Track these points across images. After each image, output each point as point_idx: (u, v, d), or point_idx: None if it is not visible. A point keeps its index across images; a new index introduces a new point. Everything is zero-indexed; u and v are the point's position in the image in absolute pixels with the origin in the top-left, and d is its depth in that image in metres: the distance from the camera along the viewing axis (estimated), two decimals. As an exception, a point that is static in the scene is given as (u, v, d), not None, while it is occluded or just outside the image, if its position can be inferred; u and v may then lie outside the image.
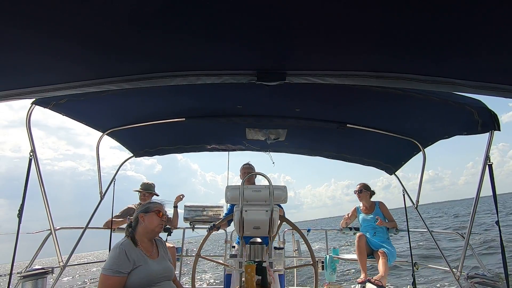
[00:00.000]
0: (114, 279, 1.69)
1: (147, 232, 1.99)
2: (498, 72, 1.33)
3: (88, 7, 0.95)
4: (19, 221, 2.09)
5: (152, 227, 2.00)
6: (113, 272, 1.70)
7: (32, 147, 2.30)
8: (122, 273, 1.72)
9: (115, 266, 1.71)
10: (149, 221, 1.99)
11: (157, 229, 2.03)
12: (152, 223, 2.00)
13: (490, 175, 2.11)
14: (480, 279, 2.48)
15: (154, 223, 2.00)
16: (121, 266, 1.73)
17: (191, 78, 1.43)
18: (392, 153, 3.33)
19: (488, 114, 2.01)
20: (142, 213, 2.02)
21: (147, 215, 2.01)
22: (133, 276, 1.76)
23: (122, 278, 1.72)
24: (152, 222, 2.00)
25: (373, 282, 3.20)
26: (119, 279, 1.71)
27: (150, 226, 1.99)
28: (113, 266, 1.71)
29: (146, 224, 1.99)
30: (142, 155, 3.66)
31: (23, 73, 1.34)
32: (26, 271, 2.50)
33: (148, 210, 2.03)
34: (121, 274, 1.71)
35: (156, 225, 2.01)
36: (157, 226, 2.02)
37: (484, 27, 1.01)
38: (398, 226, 4.01)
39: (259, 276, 1.96)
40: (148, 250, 1.97)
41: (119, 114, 2.62)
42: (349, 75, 1.41)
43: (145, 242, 1.98)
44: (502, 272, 2.12)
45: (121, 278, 1.71)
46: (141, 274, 1.79)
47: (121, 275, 1.72)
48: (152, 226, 2.00)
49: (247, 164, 3.48)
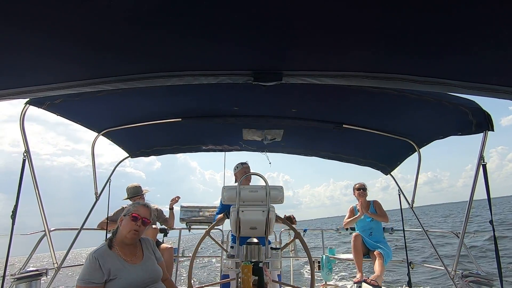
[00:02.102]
0: None
1: (121, 238, 1.86)
2: (492, 73, 1.34)
3: (84, 7, 0.94)
4: (12, 222, 2.06)
5: (124, 232, 1.85)
6: (85, 282, 1.64)
7: (26, 147, 2.27)
8: (95, 284, 1.65)
9: (87, 277, 1.65)
10: (123, 226, 1.87)
11: (129, 235, 1.84)
12: (125, 229, 1.85)
13: (484, 175, 2.13)
14: (475, 277, 2.51)
15: (126, 229, 1.84)
16: (93, 277, 1.65)
17: (187, 78, 1.43)
18: (388, 153, 3.35)
19: (482, 115, 2.04)
20: (122, 216, 1.91)
21: (124, 219, 1.88)
22: (112, 286, 1.69)
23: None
24: (125, 227, 1.85)
25: (369, 282, 3.21)
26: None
27: (122, 232, 1.86)
28: (85, 277, 1.65)
29: (121, 229, 1.87)
30: (138, 156, 3.64)
31: (17, 73, 1.33)
32: (20, 273, 2.47)
33: (126, 213, 1.90)
34: (94, 284, 1.65)
35: (128, 231, 1.83)
36: (129, 232, 1.83)
37: (479, 28, 1.02)
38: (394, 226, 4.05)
39: (255, 277, 1.96)
40: (129, 255, 1.85)
41: (115, 114, 2.60)
42: (345, 75, 1.41)
43: (125, 248, 1.86)
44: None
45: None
46: (121, 284, 1.71)
47: (95, 285, 1.65)
48: (124, 232, 1.85)
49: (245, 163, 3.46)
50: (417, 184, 3.25)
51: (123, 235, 1.85)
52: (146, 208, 1.95)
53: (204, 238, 2.44)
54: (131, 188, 3.76)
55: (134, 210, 1.89)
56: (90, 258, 1.71)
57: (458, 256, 2.70)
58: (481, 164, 2.15)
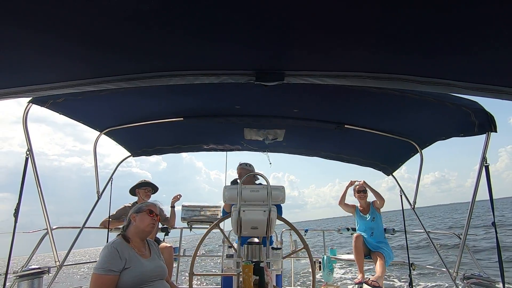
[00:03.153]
0: (106, 278, 1.69)
1: (138, 232, 1.99)
2: (495, 74, 1.33)
3: (87, 6, 0.94)
4: (15, 220, 2.08)
5: (143, 226, 1.99)
6: (105, 270, 1.70)
7: (28, 146, 2.28)
8: (114, 272, 1.72)
9: (107, 265, 1.72)
10: (140, 221, 2.00)
11: (148, 228, 2.02)
12: (143, 222, 2.00)
13: (487, 176, 2.12)
14: (476, 279, 2.49)
15: (145, 222, 2.00)
16: (112, 265, 1.73)
17: (189, 77, 1.43)
18: (389, 154, 3.34)
19: (485, 116, 2.02)
20: (134, 213, 2.03)
21: (139, 215, 2.02)
22: (126, 275, 1.76)
23: (114, 276, 1.72)
24: (143, 221, 2.00)
25: (370, 283, 3.21)
26: (111, 277, 1.71)
27: (141, 226, 1.99)
28: (104, 265, 1.71)
29: (137, 224, 1.99)
30: (139, 155, 3.65)
31: (20, 72, 1.34)
32: (22, 271, 2.49)
33: (139, 210, 2.04)
34: (112, 272, 1.71)
35: (147, 224, 2.01)
36: (148, 225, 2.01)
37: (481, 28, 1.02)
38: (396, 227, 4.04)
39: (256, 276, 1.97)
40: (140, 250, 1.97)
41: (117, 113, 2.61)
42: (347, 75, 1.41)
43: (137, 242, 1.99)
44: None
45: (113, 277, 1.71)
46: (134, 273, 1.79)
47: (113, 274, 1.71)
48: (143, 225, 2.00)
49: (246, 164, 3.47)
50: (419, 185, 3.24)
51: (140, 229, 1.99)
52: (155, 205, 2.12)
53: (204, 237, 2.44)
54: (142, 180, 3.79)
55: (147, 207, 2.06)
56: (109, 248, 1.79)
57: (460, 257, 2.68)
58: (484, 166, 2.14)
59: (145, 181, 3.80)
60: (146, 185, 3.74)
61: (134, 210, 2.06)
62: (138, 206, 2.08)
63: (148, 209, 2.05)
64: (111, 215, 3.45)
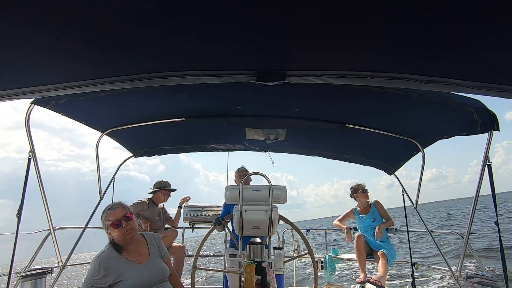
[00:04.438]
0: None
1: (121, 243, 1.82)
2: (497, 72, 1.33)
3: (88, 6, 0.95)
4: (18, 220, 2.09)
5: (119, 239, 1.79)
6: (89, 286, 1.67)
7: (31, 147, 2.29)
8: (97, 287, 1.68)
9: (91, 281, 1.68)
10: (114, 236, 1.80)
11: (126, 238, 1.79)
12: (117, 237, 1.79)
13: (490, 175, 2.11)
14: (479, 279, 2.48)
15: (118, 236, 1.78)
16: (95, 281, 1.67)
17: (190, 78, 1.43)
18: (392, 153, 3.33)
19: (487, 114, 2.01)
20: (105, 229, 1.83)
21: (109, 230, 1.80)
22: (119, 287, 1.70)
23: None
24: (116, 236, 1.79)
25: (372, 282, 3.20)
26: None
27: (118, 239, 1.80)
28: (88, 281, 1.68)
29: (115, 238, 1.81)
30: (141, 155, 3.66)
31: (22, 72, 1.34)
32: (25, 271, 2.50)
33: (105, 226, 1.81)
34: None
35: (121, 237, 1.78)
36: (123, 238, 1.78)
37: (484, 27, 1.01)
38: (398, 226, 4.02)
39: (258, 276, 1.96)
40: (134, 255, 1.84)
41: (119, 114, 2.62)
42: (349, 75, 1.41)
43: (129, 248, 1.84)
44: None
45: None
46: (129, 284, 1.72)
47: None
48: (119, 239, 1.79)
49: (242, 167, 3.49)
50: (421, 184, 3.23)
51: (120, 242, 1.81)
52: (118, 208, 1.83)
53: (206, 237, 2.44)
54: (157, 182, 3.82)
55: (108, 220, 1.79)
56: (94, 263, 1.72)
57: (463, 257, 2.67)
58: (486, 164, 2.13)
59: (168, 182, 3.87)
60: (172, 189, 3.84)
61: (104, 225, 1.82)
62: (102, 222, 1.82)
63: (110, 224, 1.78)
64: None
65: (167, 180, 3.91)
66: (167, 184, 3.84)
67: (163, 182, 3.84)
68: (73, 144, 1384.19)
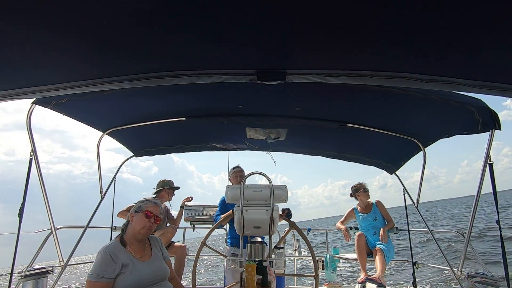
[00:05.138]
0: (99, 284, 1.66)
1: (134, 234, 1.89)
2: (498, 71, 1.32)
3: (89, 6, 0.95)
4: (19, 220, 2.09)
5: (137, 228, 1.88)
6: (97, 277, 1.66)
7: (32, 147, 2.30)
8: (106, 279, 1.67)
9: (99, 271, 1.67)
10: (136, 222, 1.89)
11: (143, 231, 1.89)
12: (138, 224, 1.88)
13: (491, 174, 2.11)
14: (481, 278, 2.48)
15: (140, 225, 1.88)
16: (105, 271, 1.68)
17: (191, 77, 1.43)
18: (393, 152, 3.33)
19: (488, 114, 2.01)
20: (133, 212, 1.92)
21: (136, 215, 1.90)
22: (121, 281, 1.71)
23: (107, 283, 1.67)
24: (138, 223, 1.88)
25: (371, 279, 3.21)
26: (104, 284, 1.67)
27: (136, 228, 1.88)
28: (97, 271, 1.67)
29: (133, 225, 1.89)
30: (142, 155, 3.66)
31: (23, 72, 1.34)
32: (27, 271, 2.50)
33: (138, 210, 1.92)
34: (105, 279, 1.67)
35: (141, 227, 1.88)
36: (142, 228, 1.88)
37: (485, 26, 1.01)
38: (398, 226, 4.02)
39: (259, 276, 1.97)
40: (138, 252, 1.88)
41: (120, 113, 2.62)
42: (350, 74, 1.40)
43: (135, 244, 1.90)
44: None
45: (105, 284, 1.67)
46: (130, 279, 1.73)
47: (106, 281, 1.67)
48: (138, 227, 1.88)
49: (238, 167, 3.44)
50: (422, 183, 3.22)
51: (136, 231, 1.88)
52: (157, 206, 1.98)
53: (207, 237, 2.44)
54: (161, 181, 3.83)
55: (146, 207, 1.92)
56: (101, 253, 1.74)
57: (464, 256, 2.67)
58: (488, 164, 2.12)
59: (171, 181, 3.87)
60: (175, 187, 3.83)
61: (134, 208, 1.94)
62: (139, 205, 1.95)
63: (147, 210, 1.91)
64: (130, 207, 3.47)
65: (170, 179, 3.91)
66: (170, 183, 3.84)
67: (166, 181, 3.84)
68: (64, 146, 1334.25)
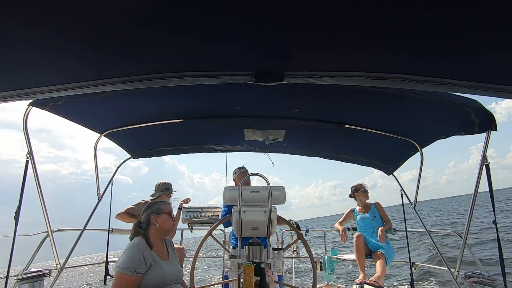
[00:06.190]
0: (131, 278, 1.71)
1: (160, 233, 2.02)
2: (495, 73, 1.33)
3: (86, 7, 0.94)
4: (15, 223, 2.08)
5: (166, 227, 2.04)
6: (131, 271, 1.72)
7: (29, 148, 2.29)
8: (138, 273, 1.74)
9: (133, 265, 1.73)
10: (162, 222, 2.01)
11: (171, 229, 2.10)
12: (167, 224, 2.04)
13: (487, 174, 2.12)
14: (478, 278, 2.49)
15: (168, 224, 2.05)
16: (138, 266, 1.75)
17: (189, 79, 1.43)
18: (390, 153, 3.34)
19: (485, 114, 2.03)
20: (154, 215, 2.03)
21: (160, 216, 2.02)
22: (148, 277, 1.77)
23: (138, 278, 1.74)
24: (165, 223, 2.02)
25: (369, 283, 3.20)
26: (135, 279, 1.73)
27: (164, 227, 2.02)
28: (131, 265, 1.73)
29: (160, 225, 2.00)
30: (140, 156, 3.65)
31: (20, 74, 1.33)
32: (23, 274, 2.48)
33: (159, 212, 2.04)
34: (138, 274, 1.73)
35: (169, 226, 2.06)
36: (171, 226, 2.08)
37: (482, 27, 1.02)
38: (395, 226, 4.04)
39: (257, 277, 1.96)
40: (160, 251, 1.98)
41: (117, 115, 2.61)
42: (347, 75, 1.41)
43: (157, 243, 2.00)
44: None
45: (137, 278, 1.73)
46: (155, 276, 1.80)
47: (138, 275, 1.73)
48: (167, 226, 2.04)
49: (243, 167, 3.47)
50: (419, 184, 3.24)
51: (164, 230, 2.03)
52: (170, 205, 2.15)
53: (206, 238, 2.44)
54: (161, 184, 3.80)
55: (167, 209, 2.09)
56: (135, 249, 1.80)
57: (461, 256, 2.68)
58: (484, 164, 2.14)
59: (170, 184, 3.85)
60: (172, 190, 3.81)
61: (153, 210, 2.05)
62: (157, 207, 2.07)
63: (168, 210, 2.08)
64: (128, 209, 3.45)
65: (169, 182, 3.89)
66: (170, 187, 3.84)
67: (166, 184, 3.84)
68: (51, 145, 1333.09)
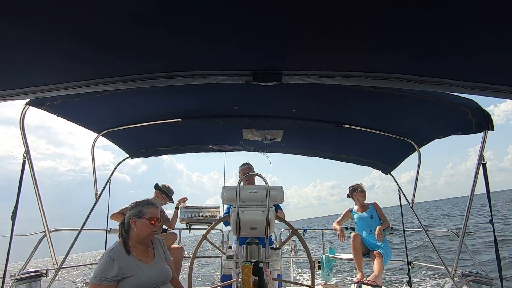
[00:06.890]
0: (101, 287, 1.69)
1: (139, 239, 1.89)
2: (492, 73, 1.34)
3: (84, 6, 0.94)
4: (12, 223, 2.07)
5: (143, 234, 1.88)
6: (99, 280, 1.69)
7: (26, 148, 2.27)
8: (108, 281, 1.70)
9: (101, 274, 1.70)
10: (140, 228, 1.87)
11: (149, 237, 1.91)
12: (144, 231, 1.87)
13: (484, 174, 2.13)
14: (475, 277, 2.51)
15: (145, 231, 1.88)
16: (107, 274, 1.71)
17: (187, 78, 1.43)
18: (388, 153, 3.35)
19: (482, 114, 2.04)
20: (134, 217, 1.89)
21: (139, 221, 1.88)
22: (125, 283, 1.74)
23: (109, 286, 1.70)
24: (143, 229, 1.87)
25: (367, 282, 3.22)
26: (106, 287, 1.70)
27: (141, 234, 1.87)
28: (99, 274, 1.70)
29: (138, 231, 1.87)
30: (138, 156, 3.64)
31: (17, 73, 1.33)
32: (20, 274, 2.47)
33: (140, 215, 1.89)
34: (107, 282, 1.70)
35: (147, 233, 1.88)
36: (149, 234, 1.89)
37: (479, 27, 1.02)
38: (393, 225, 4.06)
39: (256, 277, 1.97)
40: (142, 255, 1.89)
41: (115, 114, 2.60)
42: (345, 75, 1.41)
43: (138, 247, 1.90)
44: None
45: (107, 286, 1.70)
46: (134, 282, 1.76)
47: (107, 283, 1.70)
48: (143, 233, 1.88)
49: (246, 164, 3.47)
50: (417, 184, 3.25)
51: (141, 236, 1.88)
52: (156, 208, 1.97)
53: (201, 242, 2.43)
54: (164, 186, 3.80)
55: (149, 213, 1.90)
56: (105, 257, 1.76)
57: (458, 255, 2.70)
58: (481, 164, 2.15)
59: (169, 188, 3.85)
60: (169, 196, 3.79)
61: (134, 213, 1.90)
62: (139, 210, 1.91)
63: (151, 216, 1.89)
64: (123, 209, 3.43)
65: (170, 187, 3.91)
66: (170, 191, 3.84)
67: (165, 187, 3.84)
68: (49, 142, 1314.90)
